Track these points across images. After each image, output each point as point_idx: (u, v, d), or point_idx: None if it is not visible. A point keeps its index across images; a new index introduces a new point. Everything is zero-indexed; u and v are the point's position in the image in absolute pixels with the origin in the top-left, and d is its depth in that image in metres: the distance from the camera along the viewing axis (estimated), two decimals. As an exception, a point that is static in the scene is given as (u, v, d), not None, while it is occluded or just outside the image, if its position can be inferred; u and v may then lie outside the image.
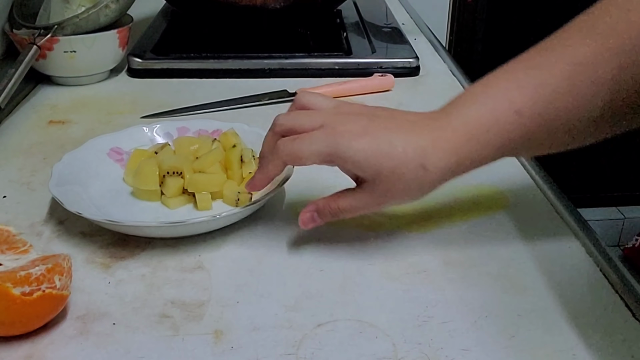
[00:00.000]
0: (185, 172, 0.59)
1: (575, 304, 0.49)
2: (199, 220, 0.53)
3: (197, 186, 0.59)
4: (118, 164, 0.64)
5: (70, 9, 0.89)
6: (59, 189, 0.56)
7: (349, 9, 1.20)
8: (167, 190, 0.59)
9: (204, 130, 0.68)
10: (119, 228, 0.55)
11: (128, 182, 0.62)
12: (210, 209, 0.59)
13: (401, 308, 0.48)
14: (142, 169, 0.59)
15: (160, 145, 0.64)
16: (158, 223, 0.54)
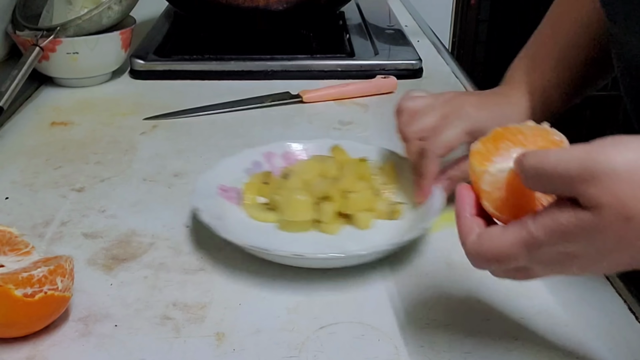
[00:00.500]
0: (334, 196, 0.57)
1: (578, 307, 0.48)
2: (391, 245, 0.51)
3: (354, 206, 0.56)
4: (231, 202, 0.59)
5: (73, 11, 0.89)
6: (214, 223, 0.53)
7: (352, 10, 1.20)
8: (324, 217, 0.56)
9: (290, 152, 0.65)
10: (315, 262, 0.51)
11: (257, 216, 0.58)
12: (370, 226, 0.57)
13: (403, 311, 0.48)
14: (292, 201, 0.56)
15: (261, 174, 0.61)
16: (386, 246, 0.51)
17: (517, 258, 0.37)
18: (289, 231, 0.56)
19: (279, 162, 0.64)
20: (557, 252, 0.36)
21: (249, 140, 0.75)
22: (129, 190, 0.65)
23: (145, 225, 0.59)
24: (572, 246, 0.35)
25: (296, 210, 0.56)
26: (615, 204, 0.33)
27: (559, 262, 0.37)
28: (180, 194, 0.64)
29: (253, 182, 0.61)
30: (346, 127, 0.79)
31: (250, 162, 0.63)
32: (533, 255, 0.36)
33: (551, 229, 0.35)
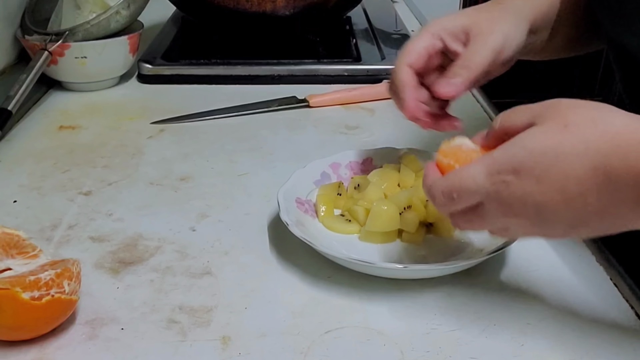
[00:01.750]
0: (417, 205, 0.56)
1: (585, 313, 0.48)
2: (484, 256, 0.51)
3: (438, 214, 0.56)
4: (307, 214, 0.58)
5: (82, 15, 0.90)
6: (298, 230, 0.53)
7: (359, 15, 1.20)
8: (408, 227, 0.55)
9: (355, 161, 0.65)
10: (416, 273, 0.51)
11: (337, 228, 0.57)
12: (453, 234, 0.56)
13: (409, 316, 0.48)
14: (378, 213, 0.55)
15: (332, 185, 0.61)
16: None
17: (477, 179, 0.41)
18: (372, 242, 0.56)
19: (344, 172, 0.64)
20: (513, 172, 0.40)
21: (255, 144, 0.76)
22: (135, 194, 0.65)
23: (151, 228, 0.59)
24: (521, 156, 0.40)
25: (383, 221, 0.55)
26: (552, 115, 0.40)
27: (512, 188, 0.40)
28: (187, 198, 0.64)
29: (325, 193, 0.60)
30: (352, 131, 0.79)
31: (318, 174, 0.63)
32: (492, 176, 0.41)
33: (506, 145, 0.41)
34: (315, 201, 0.60)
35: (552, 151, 0.39)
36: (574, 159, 0.38)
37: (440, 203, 0.44)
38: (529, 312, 0.48)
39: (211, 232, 0.58)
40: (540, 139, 0.40)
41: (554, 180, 0.39)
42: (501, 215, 0.42)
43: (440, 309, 0.49)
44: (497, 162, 0.41)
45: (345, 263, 0.50)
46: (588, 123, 0.39)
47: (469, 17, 0.56)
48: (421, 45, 0.55)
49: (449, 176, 0.43)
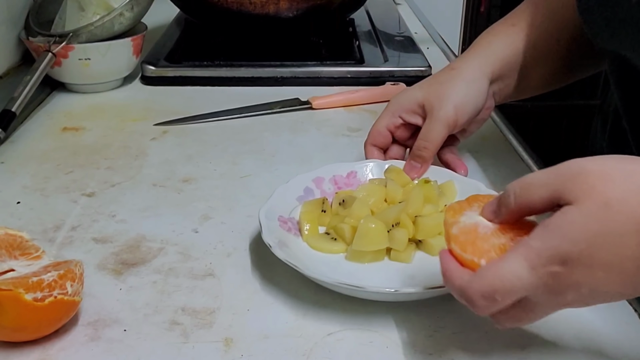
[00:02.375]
0: (406, 221, 0.54)
1: (587, 316, 0.48)
2: None
3: (426, 232, 0.54)
4: (290, 233, 0.56)
5: (86, 17, 0.90)
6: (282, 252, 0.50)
7: (362, 17, 1.20)
8: (397, 245, 0.53)
9: (339, 175, 0.62)
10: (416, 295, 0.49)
11: (322, 248, 0.55)
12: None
13: (412, 318, 0.48)
14: (366, 231, 0.52)
15: (315, 202, 0.58)
16: None
17: (521, 275, 0.37)
18: (360, 262, 0.53)
19: (328, 187, 0.61)
20: (560, 264, 0.37)
21: (258, 146, 0.76)
22: (138, 195, 0.65)
23: (154, 230, 0.59)
24: (567, 247, 0.37)
25: (371, 240, 0.52)
26: (584, 192, 0.37)
27: (563, 279, 0.37)
28: (190, 200, 0.64)
29: (309, 210, 0.57)
30: (355, 133, 0.79)
31: (301, 189, 0.60)
32: (537, 270, 0.37)
33: (544, 234, 0.37)
34: (299, 219, 0.57)
35: (600, 237, 0.36)
36: (626, 239, 0.36)
37: (480, 306, 0.39)
38: (532, 315, 0.48)
39: (214, 233, 0.58)
40: (583, 225, 0.36)
41: (608, 265, 0.36)
42: (554, 305, 0.39)
43: (443, 311, 0.49)
44: (540, 254, 0.37)
45: (332, 287, 0.48)
46: (631, 196, 0.36)
47: (422, 91, 0.63)
48: (383, 125, 0.65)
49: (485, 275, 0.38)
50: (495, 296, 0.38)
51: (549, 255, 0.37)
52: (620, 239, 0.36)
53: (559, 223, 0.37)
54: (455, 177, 0.61)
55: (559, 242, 0.37)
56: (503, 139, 0.78)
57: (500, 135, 0.78)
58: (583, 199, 0.37)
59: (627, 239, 0.36)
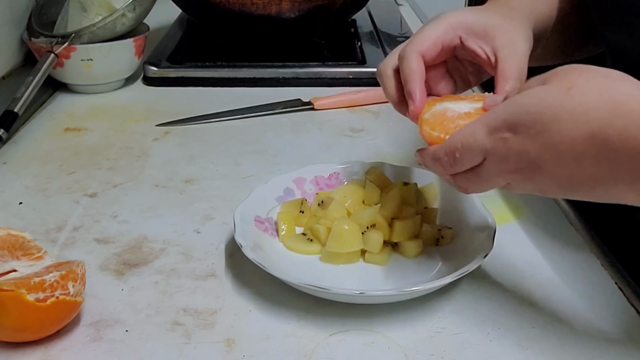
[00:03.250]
0: (381, 223, 0.54)
1: (590, 316, 0.48)
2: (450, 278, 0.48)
3: (401, 234, 0.54)
4: (267, 234, 0.56)
5: (88, 18, 0.90)
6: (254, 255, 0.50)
7: (364, 18, 1.20)
8: (371, 247, 0.53)
9: (321, 176, 0.62)
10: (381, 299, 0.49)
11: (297, 249, 0.55)
12: (417, 255, 0.54)
13: (413, 319, 0.48)
14: (339, 232, 0.52)
15: (294, 202, 0.58)
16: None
17: (477, 136, 0.42)
18: (334, 263, 0.53)
19: (310, 188, 0.61)
20: (510, 129, 0.40)
21: (260, 147, 0.76)
22: (140, 196, 0.65)
23: (156, 231, 0.59)
24: (520, 115, 0.40)
25: (344, 241, 0.52)
26: (559, 77, 0.40)
27: (510, 145, 0.40)
28: (192, 200, 0.64)
29: (287, 211, 0.58)
30: (357, 134, 0.79)
31: (281, 190, 0.60)
32: (491, 133, 0.41)
33: (507, 103, 0.41)
34: (276, 219, 0.57)
35: (550, 112, 0.39)
36: (570, 124, 0.38)
37: (444, 163, 0.44)
38: (534, 316, 0.48)
39: (216, 234, 0.58)
40: (540, 98, 0.39)
41: (548, 141, 0.39)
42: (500, 171, 0.42)
43: (445, 312, 0.49)
44: (496, 119, 0.41)
45: (301, 288, 0.48)
46: (593, 89, 0.38)
47: (491, 18, 0.51)
48: (437, 34, 0.50)
49: (451, 137, 0.44)
50: (456, 153, 0.43)
51: (504, 119, 0.40)
52: (566, 121, 0.38)
53: (523, 95, 0.41)
54: (436, 180, 0.60)
55: (515, 110, 0.40)
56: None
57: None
58: (554, 80, 0.40)
59: (572, 124, 0.38)
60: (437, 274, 0.52)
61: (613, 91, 0.38)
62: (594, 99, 0.38)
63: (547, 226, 0.60)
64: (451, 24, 0.50)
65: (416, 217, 0.56)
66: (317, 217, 0.57)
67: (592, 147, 0.38)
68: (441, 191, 0.60)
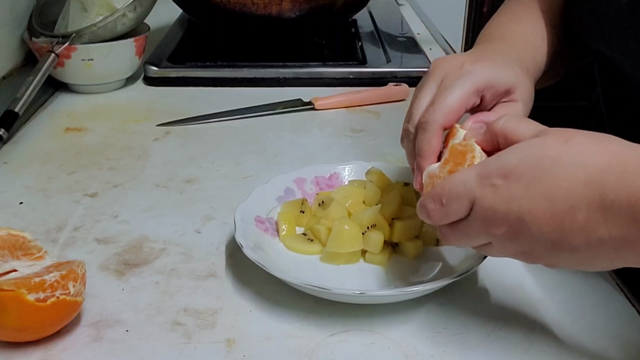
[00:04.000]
0: (382, 224, 0.54)
1: (590, 317, 0.48)
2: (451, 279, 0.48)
3: (402, 235, 0.54)
4: (267, 234, 0.56)
5: (88, 18, 0.90)
6: (255, 254, 0.50)
7: (364, 18, 1.20)
8: (372, 247, 0.53)
9: (321, 176, 0.62)
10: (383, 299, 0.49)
11: (298, 249, 0.55)
12: (417, 255, 0.54)
13: (414, 319, 0.48)
14: (339, 232, 0.52)
15: (295, 202, 0.58)
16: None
17: (467, 182, 0.41)
18: (334, 263, 0.53)
19: (310, 188, 0.61)
20: (503, 176, 0.39)
21: (260, 147, 0.76)
22: (141, 196, 0.65)
23: (157, 231, 0.59)
24: (514, 162, 0.39)
25: (344, 242, 0.52)
26: (556, 131, 0.40)
27: (500, 192, 0.39)
28: (192, 200, 0.64)
29: (288, 211, 0.58)
30: (357, 134, 0.79)
31: (282, 190, 0.60)
32: (482, 179, 0.40)
33: (502, 152, 0.40)
34: (277, 219, 0.57)
35: (548, 160, 0.38)
36: (569, 170, 0.38)
37: (430, 210, 0.43)
38: (534, 316, 0.48)
39: (216, 234, 0.58)
40: (538, 148, 0.39)
41: (543, 189, 0.38)
42: (484, 223, 0.40)
43: (445, 312, 0.49)
44: (489, 166, 0.40)
45: (301, 288, 0.48)
46: (590, 141, 0.39)
47: (515, 74, 0.51)
48: (462, 101, 0.48)
49: (440, 182, 0.43)
50: (442, 199, 0.42)
51: (497, 167, 0.40)
52: (564, 168, 0.38)
53: (520, 144, 0.40)
54: None
55: (510, 157, 0.40)
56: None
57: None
58: (550, 133, 0.40)
59: (570, 170, 0.38)
60: (438, 275, 0.52)
61: (609, 143, 0.38)
62: (591, 151, 0.38)
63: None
64: (477, 88, 0.49)
65: (417, 217, 0.55)
66: (317, 217, 0.57)
67: (589, 193, 0.37)
68: None
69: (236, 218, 0.54)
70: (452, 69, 0.50)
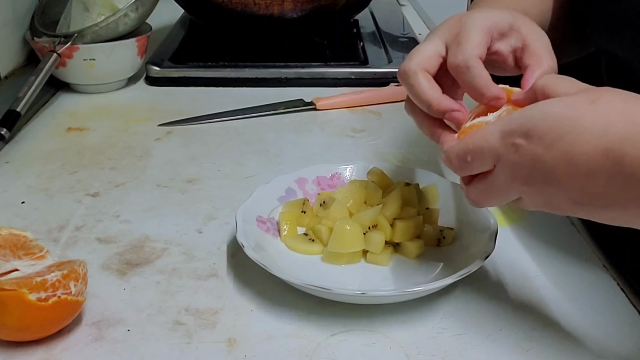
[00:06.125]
0: (383, 224, 0.54)
1: (591, 318, 0.48)
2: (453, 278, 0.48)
3: (403, 235, 0.54)
4: (268, 234, 0.56)
5: (90, 18, 0.90)
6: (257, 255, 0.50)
7: (366, 19, 1.20)
8: (373, 247, 0.53)
9: (322, 176, 0.62)
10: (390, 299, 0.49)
11: (299, 249, 0.55)
12: (418, 256, 0.54)
13: (415, 319, 0.48)
14: (341, 232, 0.52)
15: (296, 202, 0.58)
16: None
17: (490, 139, 0.40)
18: (335, 263, 0.53)
19: (311, 188, 0.61)
20: (525, 135, 0.39)
21: (262, 147, 0.76)
22: (143, 195, 0.65)
23: (158, 230, 0.59)
24: (536, 121, 0.38)
25: (345, 242, 0.52)
26: (589, 89, 0.39)
27: (522, 151, 0.39)
28: (194, 200, 0.64)
29: (289, 211, 0.58)
30: (359, 134, 0.79)
31: (283, 190, 0.60)
32: (505, 137, 0.40)
33: (527, 108, 0.40)
34: (278, 219, 0.57)
35: (569, 121, 0.37)
36: (588, 136, 0.37)
37: (455, 165, 0.43)
38: (535, 317, 0.48)
39: (218, 234, 0.58)
40: (562, 107, 0.38)
41: (563, 150, 0.38)
42: (510, 180, 0.41)
43: (446, 313, 0.49)
44: (512, 123, 0.40)
45: (302, 288, 0.48)
46: (616, 106, 0.37)
47: (511, 14, 0.50)
48: (485, 36, 0.48)
49: (464, 139, 0.43)
50: (467, 157, 0.42)
51: (519, 123, 0.39)
52: (585, 133, 0.37)
53: (544, 102, 0.39)
54: (438, 180, 0.60)
55: (533, 114, 0.39)
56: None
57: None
58: (581, 92, 0.39)
59: (590, 136, 0.37)
60: (439, 275, 0.52)
61: (636, 112, 0.37)
62: (614, 115, 0.37)
63: (549, 227, 0.59)
64: (486, 25, 0.48)
65: (418, 217, 0.56)
66: (318, 217, 0.57)
67: (607, 162, 0.37)
68: (443, 192, 0.59)
69: (237, 218, 0.54)
70: (452, 24, 0.50)
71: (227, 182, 0.68)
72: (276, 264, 0.51)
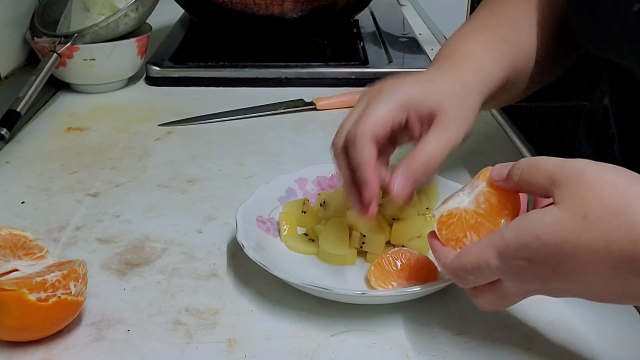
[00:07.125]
0: (383, 225, 0.54)
1: (592, 317, 0.48)
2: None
3: (403, 235, 0.54)
4: (268, 234, 0.56)
5: (91, 18, 0.90)
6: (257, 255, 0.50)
7: (366, 18, 1.20)
8: (373, 248, 0.53)
9: (323, 176, 0.62)
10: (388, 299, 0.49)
11: (298, 249, 0.55)
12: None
13: (415, 319, 0.48)
14: (338, 232, 0.53)
15: (296, 202, 0.59)
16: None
17: (489, 262, 0.39)
18: (333, 264, 0.53)
19: (312, 188, 0.61)
20: (526, 259, 0.38)
21: (262, 147, 0.76)
22: (143, 195, 0.65)
23: (158, 230, 0.59)
24: (535, 247, 0.38)
25: (343, 242, 0.53)
26: (572, 200, 0.37)
27: (528, 272, 0.39)
28: (194, 200, 0.64)
29: (289, 211, 0.58)
30: (359, 134, 0.79)
31: (283, 190, 0.60)
32: (505, 260, 0.39)
33: (519, 228, 0.38)
34: (278, 219, 0.57)
35: (568, 245, 0.37)
36: (593, 256, 0.36)
37: (459, 282, 0.43)
38: (536, 317, 0.48)
39: (218, 234, 0.58)
40: (555, 230, 0.37)
41: (570, 272, 0.37)
42: (523, 292, 0.41)
43: (447, 312, 0.49)
44: (508, 246, 0.39)
45: (302, 288, 0.48)
46: (610, 216, 0.36)
47: (441, 98, 0.51)
48: (388, 115, 0.50)
49: (461, 257, 0.41)
50: (469, 276, 0.41)
51: (517, 248, 0.38)
52: (587, 254, 0.36)
53: (536, 221, 0.38)
54: (438, 181, 0.60)
55: (529, 240, 0.38)
56: (507, 140, 0.77)
57: (505, 136, 0.78)
58: (567, 205, 0.37)
59: (594, 256, 0.36)
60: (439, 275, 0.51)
61: (632, 219, 0.35)
62: (612, 229, 0.36)
63: (550, 227, 0.59)
64: (401, 104, 0.50)
65: (418, 217, 0.55)
66: (319, 217, 0.57)
67: (619, 276, 0.36)
68: (443, 192, 0.59)
69: (238, 218, 0.54)
70: (376, 92, 0.52)
71: (227, 182, 0.68)
72: (276, 264, 0.51)
